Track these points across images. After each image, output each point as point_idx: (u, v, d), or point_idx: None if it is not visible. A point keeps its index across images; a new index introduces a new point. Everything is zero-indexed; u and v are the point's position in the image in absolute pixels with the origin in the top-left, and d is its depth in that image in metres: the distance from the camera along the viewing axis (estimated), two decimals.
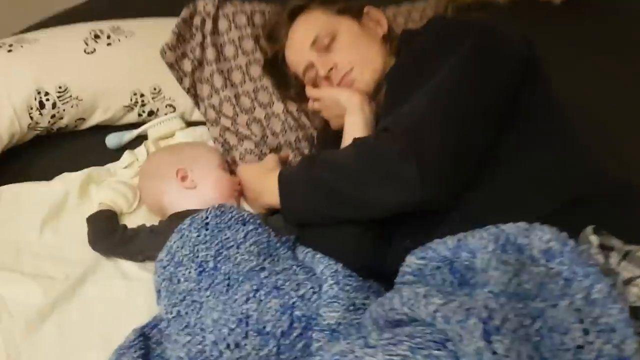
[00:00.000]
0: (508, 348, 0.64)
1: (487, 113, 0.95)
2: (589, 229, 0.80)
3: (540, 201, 0.90)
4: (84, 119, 1.29)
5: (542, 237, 0.78)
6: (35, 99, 1.21)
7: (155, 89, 1.31)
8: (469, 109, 0.93)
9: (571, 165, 0.94)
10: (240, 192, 1.17)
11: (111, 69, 1.28)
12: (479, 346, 0.65)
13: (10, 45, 1.25)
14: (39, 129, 1.24)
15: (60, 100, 1.23)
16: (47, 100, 1.22)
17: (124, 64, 1.29)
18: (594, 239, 0.79)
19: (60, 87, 1.23)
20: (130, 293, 1.03)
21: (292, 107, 1.29)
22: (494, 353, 0.64)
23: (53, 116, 1.23)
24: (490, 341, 0.65)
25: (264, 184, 1.09)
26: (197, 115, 1.36)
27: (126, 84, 1.29)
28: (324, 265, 0.94)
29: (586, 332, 0.68)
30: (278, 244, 1.02)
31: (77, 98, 1.24)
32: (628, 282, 0.74)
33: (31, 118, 1.21)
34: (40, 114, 1.22)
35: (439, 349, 0.69)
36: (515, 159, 0.95)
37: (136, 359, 0.89)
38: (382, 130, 0.96)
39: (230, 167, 1.23)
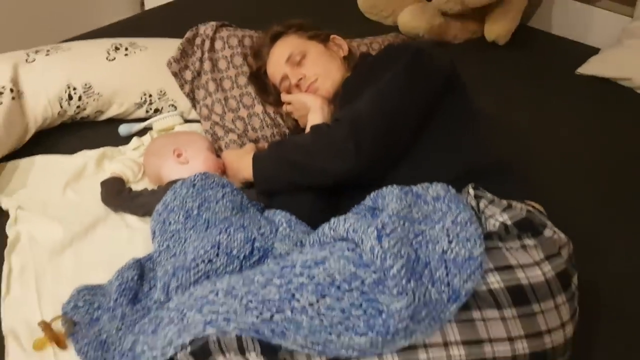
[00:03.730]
0: (392, 245, 0.94)
1: (412, 111, 1.25)
2: (469, 185, 1.11)
3: (444, 174, 1.19)
4: (102, 112, 1.60)
5: (434, 188, 1.09)
6: (66, 92, 1.53)
7: (161, 91, 1.64)
8: (398, 108, 1.24)
9: (469, 150, 1.23)
10: (223, 172, 1.47)
11: (127, 73, 1.61)
12: (372, 244, 0.95)
13: (48, 51, 1.59)
14: (66, 116, 1.56)
15: (85, 95, 1.55)
16: (75, 93, 1.54)
17: (137, 70, 1.62)
18: (471, 191, 1.09)
19: (85, 84, 1.55)
20: (131, 237, 1.31)
21: (270, 109, 1.61)
22: (382, 247, 0.93)
23: (78, 107, 1.55)
24: (380, 240, 0.94)
25: (242, 162, 1.40)
26: (193, 115, 1.68)
27: (138, 85, 1.62)
28: (281, 215, 1.23)
29: (450, 242, 0.97)
30: (249, 205, 1.32)
31: (98, 94, 1.56)
32: (488, 217, 1.04)
33: (61, 107, 1.53)
34: (69, 104, 1.54)
35: (348, 250, 0.98)
36: (430, 145, 1.25)
37: (133, 276, 1.17)
38: (334, 121, 1.27)
39: (216, 154, 1.53)
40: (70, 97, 1.53)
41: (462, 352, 0.93)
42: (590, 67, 2.04)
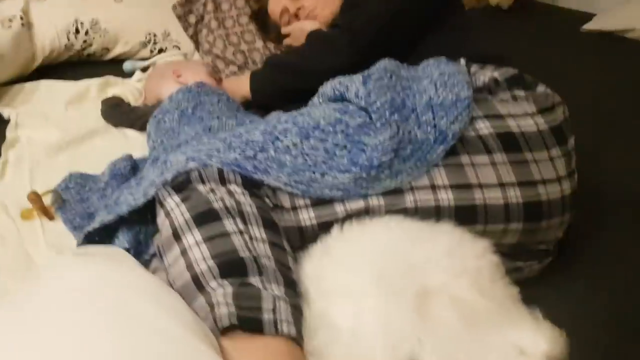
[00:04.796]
0: (377, 88, 0.93)
1: (404, 18, 1.25)
2: (462, 58, 1.10)
3: None
4: (108, 49, 1.65)
5: (428, 61, 1.08)
6: (73, 25, 1.58)
7: (165, 32, 1.68)
8: (390, 15, 1.25)
9: (466, 48, 1.23)
10: None
11: (133, 13, 1.66)
12: (357, 87, 0.94)
13: None
14: (73, 50, 1.60)
15: (91, 30, 1.60)
16: (82, 27, 1.59)
17: (143, 10, 1.68)
18: (462, 61, 1.08)
19: (93, 20, 1.60)
20: (128, 145, 1.32)
21: (270, 45, 1.63)
22: (366, 88, 0.92)
23: (85, 41, 1.60)
24: (366, 84, 0.94)
25: (240, 81, 1.41)
26: (196, 57, 1.71)
27: (143, 25, 1.67)
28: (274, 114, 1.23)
29: (437, 89, 0.95)
30: (243, 113, 1.32)
31: (104, 30, 1.61)
32: (479, 77, 1.03)
33: (68, 39, 1.58)
34: (76, 37, 1.58)
35: (334, 101, 0.98)
36: (426, 49, 1.25)
37: (126, 165, 1.17)
38: (331, 27, 1.29)
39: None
40: (77, 31, 1.58)
41: (451, 196, 0.91)
42: (595, 23, 2.05)
